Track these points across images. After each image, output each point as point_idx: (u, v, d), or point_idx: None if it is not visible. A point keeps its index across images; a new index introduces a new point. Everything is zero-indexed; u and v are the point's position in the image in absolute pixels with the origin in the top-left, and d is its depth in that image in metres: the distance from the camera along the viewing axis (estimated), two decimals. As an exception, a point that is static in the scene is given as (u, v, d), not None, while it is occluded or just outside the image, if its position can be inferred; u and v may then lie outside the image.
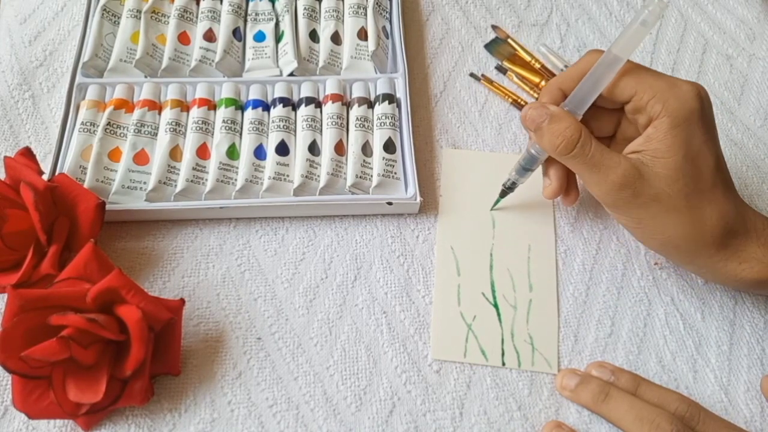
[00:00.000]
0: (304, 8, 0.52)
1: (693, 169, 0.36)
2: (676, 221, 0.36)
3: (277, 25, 0.52)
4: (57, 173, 0.44)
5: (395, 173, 0.45)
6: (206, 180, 0.44)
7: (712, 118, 0.37)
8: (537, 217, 0.46)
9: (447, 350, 0.41)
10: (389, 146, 0.46)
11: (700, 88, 0.36)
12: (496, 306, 0.43)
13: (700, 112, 0.36)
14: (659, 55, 0.55)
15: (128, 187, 0.44)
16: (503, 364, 0.41)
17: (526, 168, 0.42)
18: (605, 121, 0.41)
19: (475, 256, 0.44)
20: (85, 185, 0.43)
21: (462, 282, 0.43)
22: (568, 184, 0.42)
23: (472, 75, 0.53)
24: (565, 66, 0.52)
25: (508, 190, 0.44)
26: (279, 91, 0.48)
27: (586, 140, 0.37)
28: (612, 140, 0.42)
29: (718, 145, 0.37)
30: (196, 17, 0.52)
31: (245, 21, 0.52)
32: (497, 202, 0.45)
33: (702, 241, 0.37)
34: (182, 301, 0.38)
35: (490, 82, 0.52)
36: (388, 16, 0.54)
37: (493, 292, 0.43)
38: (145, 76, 0.50)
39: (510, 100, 0.51)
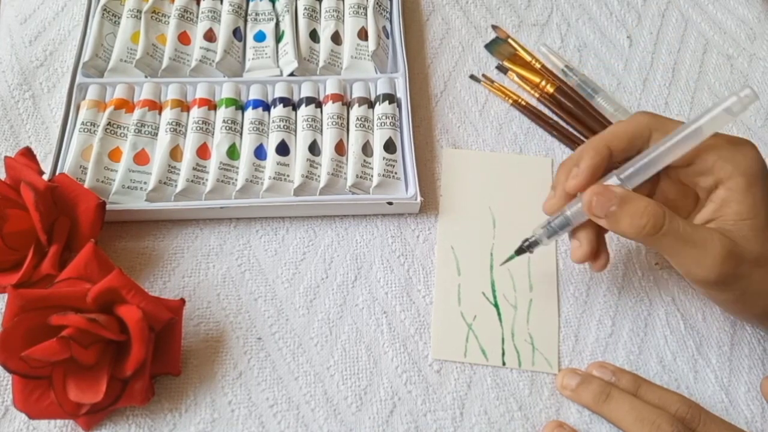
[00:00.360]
0: (305, 8, 0.52)
1: None
2: None
3: (277, 25, 0.52)
4: (57, 173, 0.44)
5: (395, 173, 0.45)
6: (206, 180, 0.44)
7: None
8: (537, 216, 0.46)
9: (447, 350, 0.41)
10: (389, 146, 0.46)
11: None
12: (496, 306, 0.43)
13: (765, 166, 0.34)
14: (660, 55, 0.55)
15: (128, 187, 0.44)
16: (503, 363, 0.41)
17: (555, 230, 0.38)
18: (643, 185, 0.36)
19: (475, 256, 0.44)
20: (86, 185, 0.43)
21: (462, 282, 0.43)
22: (598, 247, 0.38)
23: (472, 77, 0.53)
24: (566, 66, 0.52)
25: (527, 249, 0.39)
26: (279, 91, 0.48)
27: (672, 215, 0.33)
28: None
29: None
30: (197, 17, 0.52)
31: (245, 21, 0.52)
32: (510, 258, 0.40)
33: None
34: (182, 301, 0.38)
35: (491, 82, 0.52)
36: (388, 15, 0.54)
37: (494, 291, 0.43)
38: (146, 76, 0.50)
39: (510, 100, 0.51)
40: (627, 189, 0.35)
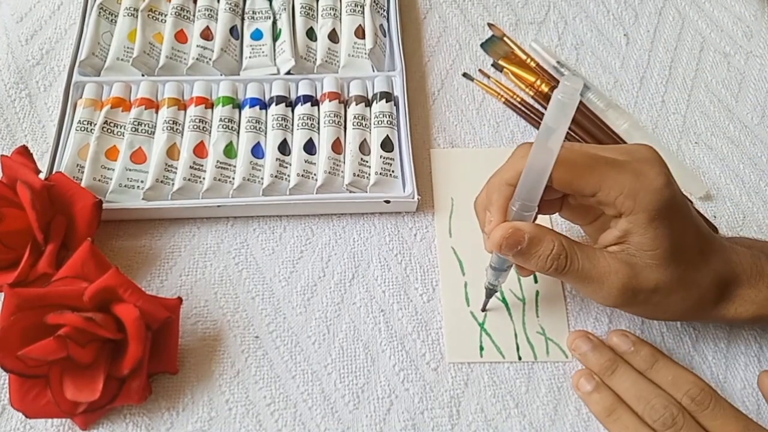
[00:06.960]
0: (302, 6, 0.52)
1: (681, 249, 0.35)
2: (677, 300, 0.36)
3: (274, 23, 0.52)
4: (54, 172, 0.44)
5: (393, 171, 0.45)
6: (203, 179, 0.44)
7: (677, 185, 0.35)
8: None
9: (463, 352, 0.41)
10: (387, 144, 0.46)
11: (657, 157, 0.35)
12: (504, 300, 0.43)
13: (671, 197, 0.34)
14: (657, 53, 0.55)
15: (125, 186, 0.44)
16: (519, 358, 0.41)
17: (498, 269, 0.38)
18: (551, 202, 0.38)
19: (476, 253, 0.44)
20: (83, 184, 0.43)
21: (468, 281, 0.43)
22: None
23: (465, 75, 0.53)
24: (558, 62, 0.52)
25: (491, 291, 0.41)
26: (276, 90, 0.48)
27: (573, 254, 0.35)
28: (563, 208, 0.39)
29: (691, 207, 0.37)
30: (194, 15, 0.52)
31: (242, 19, 0.52)
32: (485, 303, 0.42)
33: (703, 304, 0.37)
34: (180, 300, 0.38)
35: (488, 77, 0.52)
36: (385, 14, 0.54)
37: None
38: (143, 75, 0.49)
39: (502, 99, 0.51)
40: (535, 225, 0.35)
